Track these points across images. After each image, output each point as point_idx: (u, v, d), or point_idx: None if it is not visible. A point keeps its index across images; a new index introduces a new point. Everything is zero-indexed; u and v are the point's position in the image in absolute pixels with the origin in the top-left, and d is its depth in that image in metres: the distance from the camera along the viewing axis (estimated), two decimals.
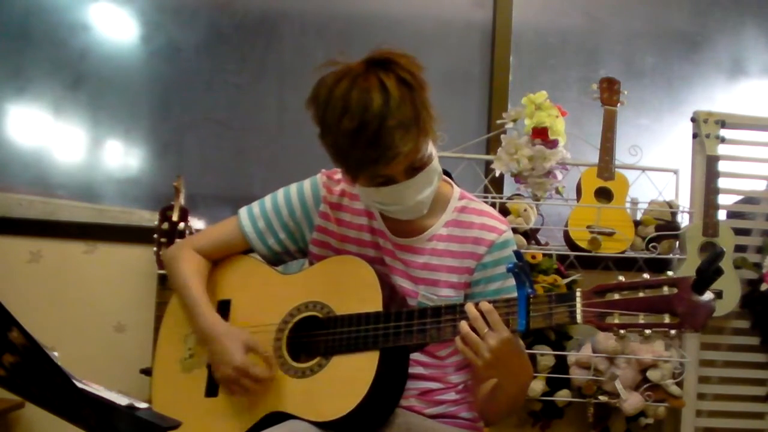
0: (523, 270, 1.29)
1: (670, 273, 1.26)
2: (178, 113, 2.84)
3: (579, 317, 1.26)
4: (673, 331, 1.21)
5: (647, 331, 1.21)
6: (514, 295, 1.30)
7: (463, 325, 1.31)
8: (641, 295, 1.23)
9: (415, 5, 2.89)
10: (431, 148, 1.43)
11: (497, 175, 2.47)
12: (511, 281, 1.31)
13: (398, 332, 1.39)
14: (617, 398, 2.34)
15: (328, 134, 1.37)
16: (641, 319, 1.22)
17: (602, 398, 2.38)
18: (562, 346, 2.43)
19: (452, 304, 1.39)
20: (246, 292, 1.61)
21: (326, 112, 1.35)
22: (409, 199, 1.42)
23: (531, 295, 1.30)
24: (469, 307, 1.32)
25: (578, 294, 1.27)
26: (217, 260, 1.66)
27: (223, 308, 1.60)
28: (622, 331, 1.23)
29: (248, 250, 1.65)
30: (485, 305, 1.30)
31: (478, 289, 1.51)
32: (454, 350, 1.54)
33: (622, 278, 1.27)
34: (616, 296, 1.25)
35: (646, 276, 1.25)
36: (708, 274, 1.17)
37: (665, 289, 1.22)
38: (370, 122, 1.30)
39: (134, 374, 2.30)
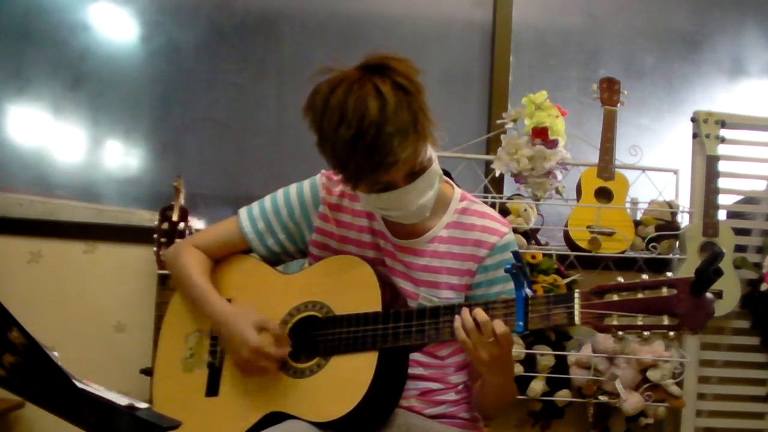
0: (521, 271, 1.29)
1: (669, 273, 1.26)
2: (178, 113, 2.84)
3: (577, 318, 1.25)
4: (672, 333, 1.20)
5: (646, 333, 1.21)
6: (514, 296, 1.30)
7: (466, 317, 1.31)
8: (640, 296, 1.23)
9: (415, 5, 2.89)
10: (430, 152, 1.42)
11: (497, 175, 2.47)
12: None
13: (397, 333, 1.39)
14: (617, 398, 2.34)
15: (325, 143, 1.36)
16: (640, 320, 1.21)
17: (602, 398, 2.38)
18: (562, 346, 2.43)
19: (450, 304, 1.39)
20: (246, 292, 1.61)
21: (323, 121, 1.35)
22: (410, 203, 1.42)
23: (529, 297, 1.29)
24: (479, 314, 1.31)
25: (576, 295, 1.27)
26: (217, 259, 1.67)
27: None
28: (620, 333, 1.23)
29: (248, 250, 1.66)
30: (481, 315, 1.30)
31: (480, 292, 1.51)
32: (454, 351, 1.54)
33: (621, 279, 1.26)
34: (615, 297, 1.24)
35: (645, 277, 1.25)
36: (707, 275, 1.16)
37: (664, 290, 1.21)
38: (367, 130, 1.30)
39: (134, 374, 2.30)
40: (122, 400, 0.94)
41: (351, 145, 1.31)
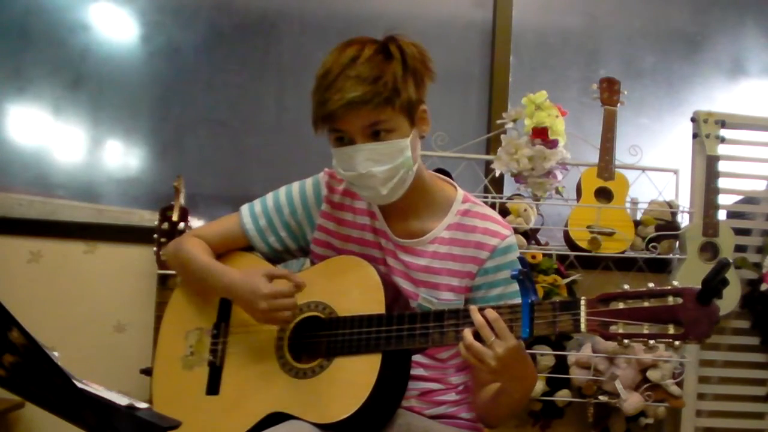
0: (527, 277, 1.28)
1: (672, 277, 1.26)
2: (178, 113, 2.84)
3: (583, 326, 1.25)
4: (677, 342, 1.19)
5: (651, 342, 1.20)
6: (517, 300, 1.29)
7: (467, 335, 1.30)
8: (646, 304, 1.22)
9: (415, 5, 2.89)
10: (404, 127, 1.41)
11: (497, 175, 2.46)
12: (514, 286, 1.30)
13: (401, 336, 1.39)
14: (617, 398, 2.34)
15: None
16: (645, 329, 1.21)
17: (602, 398, 2.38)
18: (562, 346, 2.43)
19: (455, 308, 1.38)
20: None
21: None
22: (360, 165, 1.40)
23: (535, 303, 1.29)
24: (475, 314, 1.30)
25: (582, 302, 1.26)
26: (217, 255, 1.65)
27: (225, 307, 1.59)
28: (626, 341, 1.22)
29: (249, 247, 1.65)
30: (491, 313, 1.29)
31: (480, 294, 1.50)
32: (455, 353, 1.53)
33: (627, 286, 1.25)
34: (621, 305, 1.23)
35: (651, 285, 1.24)
36: (713, 284, 1.15)
37: (670, 299, 1.20)
38: (333, 70, 1.39)
39: (134, 374, 2.29)
40: (122, 400, 0.94)
41: (318, 81, 1.41)
